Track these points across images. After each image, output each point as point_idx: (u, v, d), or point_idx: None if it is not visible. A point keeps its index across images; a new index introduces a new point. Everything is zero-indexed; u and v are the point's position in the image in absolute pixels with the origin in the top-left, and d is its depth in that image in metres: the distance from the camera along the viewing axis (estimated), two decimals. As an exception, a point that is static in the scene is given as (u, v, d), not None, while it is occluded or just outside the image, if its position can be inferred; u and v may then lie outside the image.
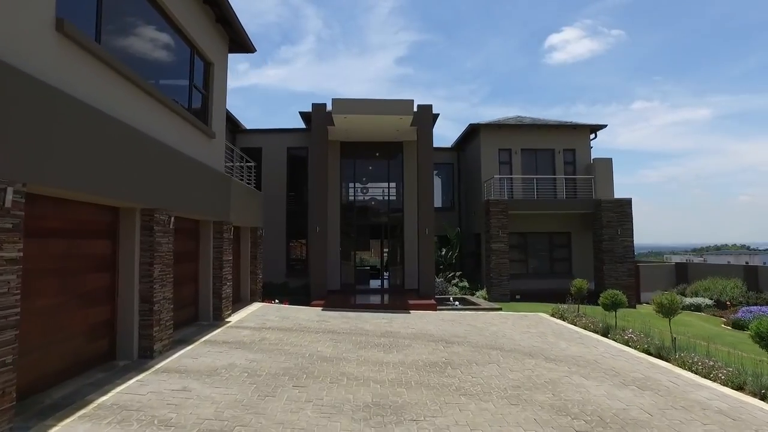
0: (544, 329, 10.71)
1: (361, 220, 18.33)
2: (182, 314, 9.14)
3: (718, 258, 42.19)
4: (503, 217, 16.88)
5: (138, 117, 6.52)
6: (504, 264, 16.73)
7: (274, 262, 17.94)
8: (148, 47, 7.53)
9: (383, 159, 17.98)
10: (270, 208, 18.15)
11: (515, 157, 18.99)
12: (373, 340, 8.91)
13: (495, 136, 18.96)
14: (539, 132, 19.14)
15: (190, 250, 9.64)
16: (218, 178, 9.94)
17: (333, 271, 16.97)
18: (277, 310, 12.30)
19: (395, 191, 18.00)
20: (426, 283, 15.01)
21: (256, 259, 13.48)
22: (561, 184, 18.63)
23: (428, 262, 15.08)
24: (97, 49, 5.50)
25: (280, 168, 18.42)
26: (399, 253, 17.77)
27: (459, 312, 13.24)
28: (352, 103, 13.96)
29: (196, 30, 8.70)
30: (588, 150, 19.24)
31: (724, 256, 46.59)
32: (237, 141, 18.44)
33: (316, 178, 15.13)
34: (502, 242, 16.78)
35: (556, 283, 18.42)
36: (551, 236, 18.95)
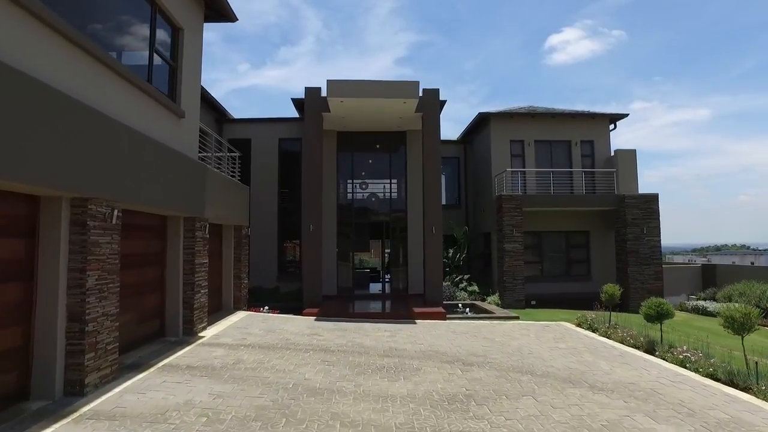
0: (575, 344, 9.11)
1: (359, 218, 16.73)
2: (142, 330, 7.53)
3: (722, 258, 40.63)
4: (517, 215, 15.28)
5: (67, 77, 4.92)
6: (518, 266, 15.13)
7: (265, 265, 16.34)
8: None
9: (384, 151, 16.38)
10: (260, 206, 16.56)
11: (528, 149, 17.40)
12: (374, 362, 7.30)
13: (506, 126, 17.37)
14: (554, 122, 17.55)
15: (154, 252, 8.03)
16: (190, 165, 8.34)
17: (329, 275, 15.36)
18: (263, 320, 10.68)
19: (398, 186, 16.40)
20: (433, 288, 13.41)
21: (241, 262, 11.87)
22: (579, 178, 17.04)
23: (435, 264, 13.48)
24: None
25: (271, 161, 16.81)
26: (402, 254, 16.17)
27: (472, 322, 11.63)
28: (349, 85, 12.36)
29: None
30: (607, 141, 17.65)
31: (729, 256, 45.03)
32: (224, 132, 16.84)
33: (309, 170, 13.53)
34: (517, 242, 15.18)
35: (574, 287, 16.89)
36: (568, 236, 17.35)
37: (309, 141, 13.65)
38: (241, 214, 11.92)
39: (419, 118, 14.22)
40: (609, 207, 15.90)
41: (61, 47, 4.96)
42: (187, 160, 8.22)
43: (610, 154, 17.46)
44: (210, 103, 15.75)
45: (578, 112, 17.45)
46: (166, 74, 7.98)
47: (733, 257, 41.14)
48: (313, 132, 13.64)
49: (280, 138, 16.94)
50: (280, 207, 16.75)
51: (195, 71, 8.79)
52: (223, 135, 16.75)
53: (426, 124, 13.81)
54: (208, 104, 15.78)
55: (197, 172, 8.70)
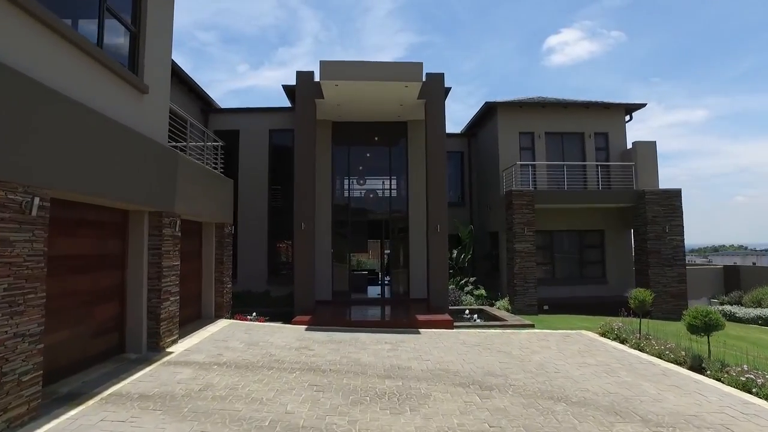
0: (605, 358, 7.86)
1: (357, 217, 15.47)
2: (94, 347, 6.25)
3: (723, 259, 39.49)
4: (528, 212, 14.04)
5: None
6: (530, 268, 13.88)
7: (254, 268, 15.07)
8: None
9: (384, 143, 15.11)
10: (249, 204, 15.29)
11: (538, 142, 16.16)
12: (373, 385, 6.03)
13: (515, 117, 16.13)
14: (566, 112, 16.31)
15: (112, 253, 6.75)
16: (156, 151, 7.07)
17: (323, 278, 14.09)
18: (246, 330, 9.40)
19: (398, 182, 15.13)
20: (438, 292, 12.14)
21: (223, 264, 10.59)
22: (593, 173, 15.82)
23: (440, 266, 12.22)
24: None
25: (260, 155, 15.54)
26: (403, 255, 14.91)
27: (483, 331, 10.36)
28: (345, 67, 11.10)
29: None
30: (623, 133, 16.43)
31: (730, 257, 43.90)
32: (210, 123, 15.56)
33: (301, 163, 12.25)
34: (528, 242, 13.93)
35: (588, 290, 15.67)
36: (581, 235, 16.12)
37: (301, 131, 12.37)
38: (223, 211, 10.64)
39: (422, 106, 12.96)
40: (627, 203, 14.66)
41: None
42: (152, 144, 6.94)
43: (625, 147, 16.25)
44: (195, 91, 14.48)
45: (592, 102, 16.23)
46: (125, 42, 6.70)
47: (734, 257, 39.98)
48: (306, 121, 12.37)
49: (271, 129, 15.66)
50: (271, 205, 15.48)
51: (163, 40, 7.50)
52: (209, 126, 15.48)
53: (430, 111, 12.56)
54: (193, 92, 14.51)
55: (166, 160, 7.42)
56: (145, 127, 6.82)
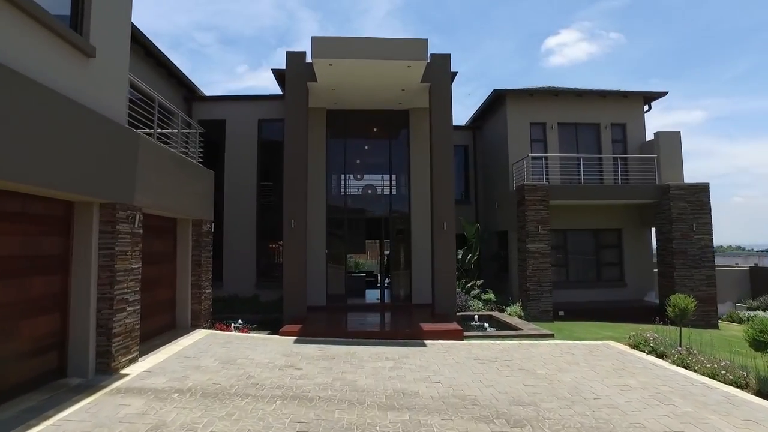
0: (648, 379, 6.60)
1: (354, 215, 14.21)
2: (20, 372, 4.96)
3: (726, 260, 38.33)
4: (543, 208, 12.77)
5: None
6: (545, 270, 12.61)
7: (241, 270, 13.78)
8: None
9: (383, 133, 13.84)
10: (235, 201, 14.01)
11: (551, 133, 14.92)
12: (373, 420, 4.75)
13: (525, 106, 14.89)
14: (580, 102, 15.07)
15: (49, 254, 5.45)
16: (107, 129, 5.79)
17: (316, 281, 12.81)
18: (224, 343, 8.10)
19: (399, 177, 13.86)
20: (444, 297, 10.87)
21: (201, 267, 9.29)
22: (609, 167, 14.59)
23: (447, 268, 10.95)
24: None
25: (249, 147, 14.24)
26: (404, 256, 13.63)
27: (497, 342, 9.09)
28: (340, 43, 9.83)
29: None
30: (642, 124, 15.20)
31: (732, 257, 42.70)
32: (193, 112, 14.27)
33: (291, 153, 10.97)
34: (542, 241, 12.66)
35: (605, 294, 14.44)
36: (596, 234, 14.88)
37: (292, 118, 11.09)
38: (201, 206, 9.36)
39: (426, 92, 11.70)
40: (649, 199, 13.41)
41: None
42: (101, 121, 5.65)
43: (644, 139, 15.01)
44: (176, 76, 13.18)
45: (608, 91, 14.98)
46: None
47: (735, 258, 38.79)
48: (297, 107, 11.10)
49: (261, 119, 14.37)
50: (260, 202, 14.18)
51: None
52: (193, 116, 14.18)
53: (435, 97, 11.29)
54: (174, 78, 13.21)
55: (123, 141, 6.14)
56: (91, 99, 5.54)
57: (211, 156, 14.36)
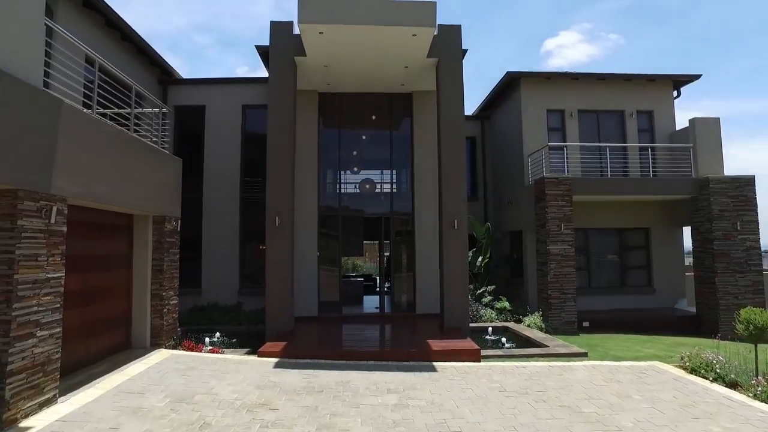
0: (735, 424, 5.01)
1: (350, 212, 12.64)
2: None
3: None
4: (565, 204, 11.19)
5: None
6: (569, 275, 11.03)
7: (222, 276, 12.17)
8: None
9: (383, 121, 12.25)
10: (217, 198, 12.42)
11: (570, 121, 13.35)
12: None
13: (542, 91, 13.33)
14: (603, 87, 13.51)
15: None
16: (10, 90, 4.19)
17: (306, 288, 11.21)
18: (185, 371, 6.48)
19: (401, 169, 12.27)
20: (455, 308, 9.27)
21: (164, 273, 7.66)
22: (635, 158, 13.04)
23: (458, 273, 9.36)
24: None
25: (232, 137, 12.63)
26: (407, 259, 12.04)
27: (521, 364, 7.48)
28: (333, 5, 8.22)
29: None
30: (671, 112, 13.65)
31: None
32: (169, 97, 12.66)
33: (275, 139, 9.39)
34: (566, 242, 11.08)
35: (630, 301, 12.89)
36: (621, 234, 13.32)
37: (277, 97, 9.51)
38: (164, 199, 7.75)
39: (432, 69, 10.13)
40: (684, 195, 11.83)
41: None
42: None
43: (674, 128, 13.47)
44: (146, 53, 11.55)
45: (634, 75, 13.43)
46: None
47: None
48: (283, 85, 9.51)
49: (246, 105, 12.76)
50: (245, 199, 12.57)
51: None
52: (168, 101, 12.58)
53: (443, 75, 9.72)
54: (144, 55, 11.59)
55: (32, 106, 4.54)
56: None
57: (189, 147, 12.79)
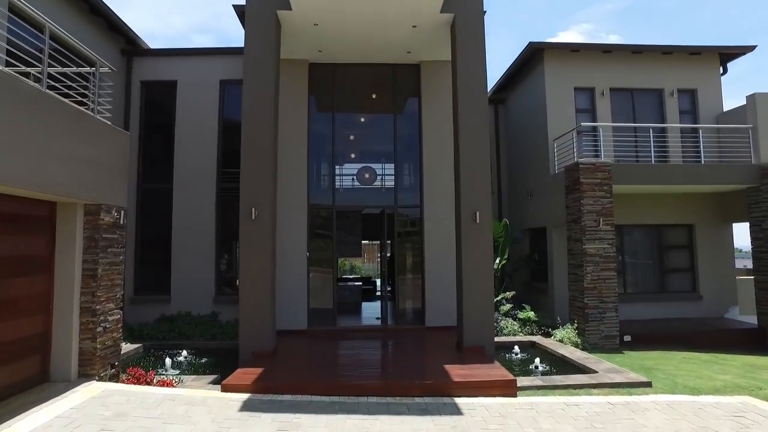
0: None
1: (346, 207, 10.84)
2: None
3: None
4: (604, 195, 9.35)
5: None
6: (609, 280, 9.19)
7: (195, 281, 10.32)
8: None
9: (385, 100, 10.40)
10: (189, 191, 10.57)
11: (601, 101, 11.54)
12: None
13: (568, 67, 11.53)
14: (638, 61, 11.70)
15: None
16: None
17: (293, 294, 9.39)
18: (105, 425, 4.60)
19: (407, 156, 10.41)
20: (477, 322, 7.42)
21: (98, 279, 5.79)
22: (675, 143, 11.25)
23: (481, 277, 7.53)
24: None
25: (208, 119, 10.77)
26: (413, 259, 10.21)
27: (573, 402, 5.62)
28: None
29: None
30: (717, 91, 11.84)
31: (740, 260, 39.74)
32: (135, 70, 10.80)
33: (251, 111, 7.56)
34: (606, 240, 9.24)
35: (671, 309, 11.12)
36: (660, 232, 11.51)
37: (254, 62, 7.68)
38: (100, 182, 5.89)
39: (446, 29, 8.30)
40: (740, 184, 10.00)
41: None
42: None
43: (721, 108, 11.67)
44: (105, 16, 9.69)
45: (674, 47, 11.62)
46: None
47: (744, 261, 35.63)
48: (262, 46, 7.68)
49: (224, 81, 10.90)
50: (222, 191, 10.70)
51: None
52: (134, 75, 10.73)
53: (462, 34, 7.88)
54: (102, 16, 9.72)
55: None
56: None
57: (159, 130, 10.95)
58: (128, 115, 10.59)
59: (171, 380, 5.91)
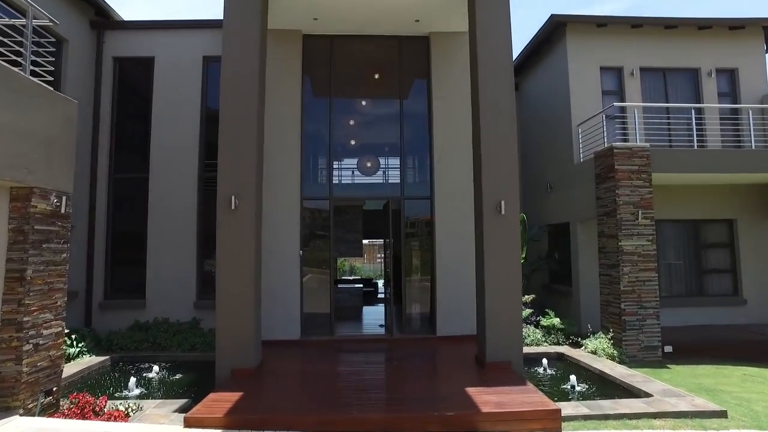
0: None
1: (344, 201, 9.63)
2: None
3: None
4: (643, 184, 8.10)
5: None
6: (650, 282, 7.94)
7: (174, 282, 9.06)
8: None
9: (390, 78, 9.16)
10: (168, 183, 9.30)
11: (630, 81, 10.30)
12: None
13: (593, 43, 10.30)
14: (672, 38, 10.47)
15: None
16: None
17: (284, 299, 8.15)
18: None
19: (415, 142, 9.15)
20: (502, 331, 6.16)
21: (28, 283, 4.54)
22: (714, 127, 10.01)
23: (507, 278, 6.26)
24: None
25: (189, 101, 9.50)
26: (422, 258, 8.96)
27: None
28: None
29: None
30: (762, 70, 10.60)
31: None
32: (107, 45, 9.54)
33: (231, 82, 6.33)
34: (645, 236, 7.99)
35: (711, 314, 9.88)
36: (697, 228, 10.25)
37: (235, 23, 6.44)
38: (32, 159, 4.64)
39: (462, -10, 7.07)
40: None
41: None
42: None
43: (765, 90, 10.44)
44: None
45: (713, 20, 10.39)
46: None
47: None
48: (243, 11, 6.45)
49: (208, 57, 9.63)
50: (205, 182, 9.40)
51: None
52: (106, 50, 9.49)
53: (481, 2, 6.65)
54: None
55: None
56: None
57: (133, 113, 9.71)
58: (99, 97, 9.34)
59: (123, 412, 4.64)
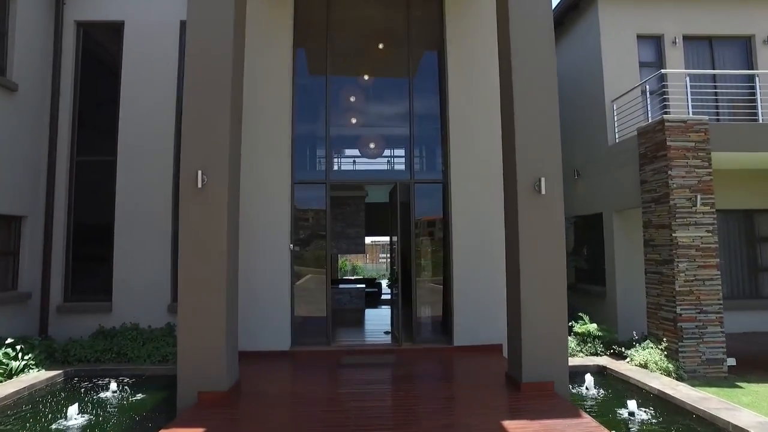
0: None
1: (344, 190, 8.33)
2: None
3: None
4: (701, 164, 6.77)
5: None
6: (711, 281, 6.61)
7: (145, 283, 7.75)
8: None
9: (396, 45, 7.87)
10: (139, 169, 8.00)
11: (672, 51, 8.99)
12: None
13: (629, 8, 9.01)
14: (719, 2, 9.17)
15: None
16: None
17: (271, 302, 6.86)
18: None
19: (426, 119, 7.83)
20: (542, 344, 4.84)
21: None
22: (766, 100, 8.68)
23: (548, 276, 4.97)
24: None
25: (164, 74, 8.20)
26: (434, 254, 7.64)
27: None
28: None
29: None
30: (821, 37, 9.29)
31: None
32: (67, 7, 8.26)
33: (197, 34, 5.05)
34: (705, 226, 6.66)
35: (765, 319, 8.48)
36: (749, 219, 8.94)
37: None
38: None
39: None
40: None
41: None
42: None
43: (827, 61, 9.11)
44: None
45: (765, -18, 9.10)
46: None
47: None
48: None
49: (185, 21, 8.35)
50: (186, 164, 8.11)
51: None
52: (67, 13, 8.21)
53: None
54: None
55: None
56: None
57: (100, 86, 8.43)
58: (58, 67, 8.06)
59: None
